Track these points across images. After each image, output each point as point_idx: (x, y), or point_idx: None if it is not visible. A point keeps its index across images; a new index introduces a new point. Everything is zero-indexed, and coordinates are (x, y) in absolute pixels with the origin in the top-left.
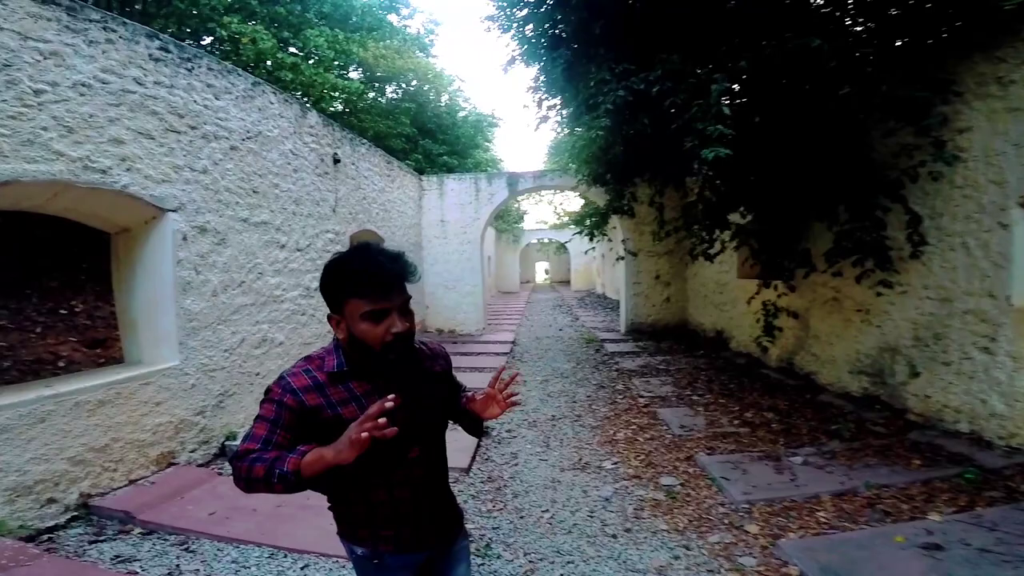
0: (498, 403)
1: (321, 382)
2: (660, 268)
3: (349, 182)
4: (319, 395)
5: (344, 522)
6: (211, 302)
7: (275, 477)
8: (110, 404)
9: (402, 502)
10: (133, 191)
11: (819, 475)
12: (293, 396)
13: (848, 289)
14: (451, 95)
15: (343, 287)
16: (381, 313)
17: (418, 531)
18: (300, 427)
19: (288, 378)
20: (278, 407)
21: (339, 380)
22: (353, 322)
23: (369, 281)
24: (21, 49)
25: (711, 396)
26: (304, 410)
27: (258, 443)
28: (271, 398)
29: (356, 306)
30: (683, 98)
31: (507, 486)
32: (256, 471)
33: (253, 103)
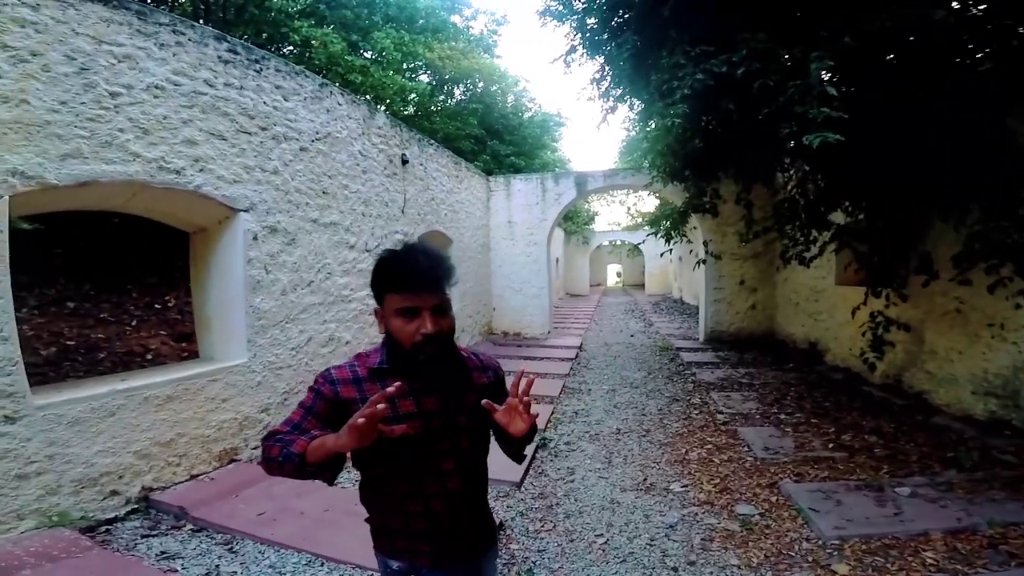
0: (521, 416)
1: (360, 376)
2: (745, 272)
3: (417, 183)
4: (355, 389)
5: (381, 535)
6: (280, 301)
7: (282, 456)
8: (178, 399)
9: (437, 515)
10: (206, 191)
11: (930, 509)
12: (331, 386)
13: (976, 300)
14: (516, 96)
15: (382, 280)
16: (412, 311)
17: (455, 545)
18: (332, 418)
19: (332, 370)
20: (315, 395)
21: (378, 377)
22: (389, 317)
23: (403, 277)
24: (96, 53)
25: (802, 415)
26: (338, 401)
27: (289, 426)
28: (312, 387)
29: (392, 301)
30: (775, 79)
31: (559, 504)
32: (273, 450)
33: (321, 104)
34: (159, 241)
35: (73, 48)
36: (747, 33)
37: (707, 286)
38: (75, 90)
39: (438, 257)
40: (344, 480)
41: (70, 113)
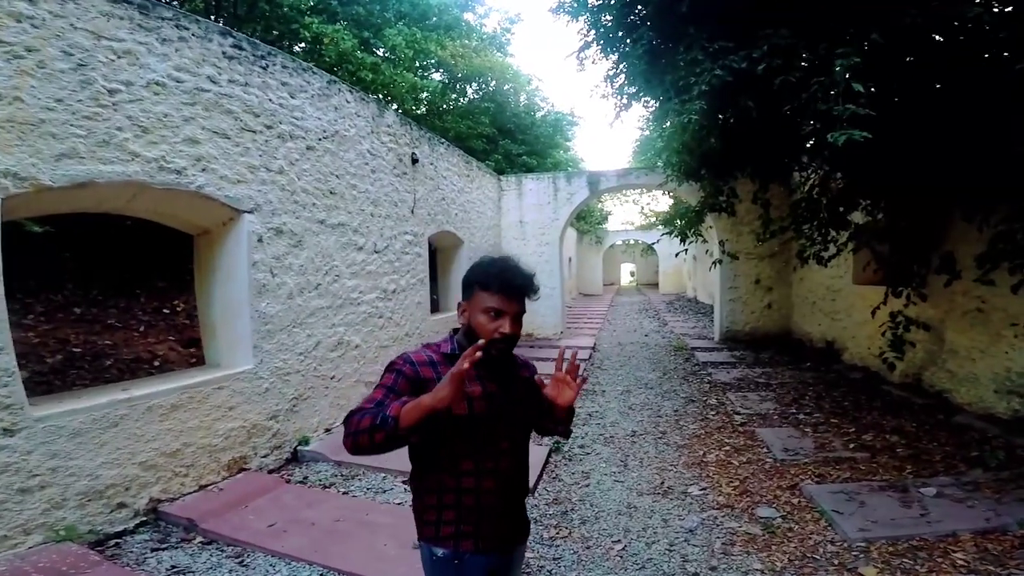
0: (569, 385)
1: (435, 360)
2: (761, 272)
3: (428, 182)
4: (432, 370)
5: (428, 522)
6: (286, 305)
7: (377, 420)
8: (183, 408)
9: (487, 493)
10: (208, 192)
11: (957, 509)
12: (411, 367)
13: (998, 299)
14: (529, 95)
15: (478, 279)
16: (498, 312)
17: (498, 529)
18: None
19: (410, 353)
20: (396, 375)
21: (451, 362)
22: (474, 312)
23: (499, 282)
24: (95, 48)
25: (821, 415)
26: (418, 379)
27: (372, 403)
28: (391, 368)
29: (481, 299)
30: (798, 76)
31: (575, 510)
32: (364, 422)
33: (329, 102)
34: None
35: (71, 44)
36: (769, 29)
37: (722, 285)
38: (71, 87)
39: (530, 275)
40: (355, 489)
41: (66, 111)
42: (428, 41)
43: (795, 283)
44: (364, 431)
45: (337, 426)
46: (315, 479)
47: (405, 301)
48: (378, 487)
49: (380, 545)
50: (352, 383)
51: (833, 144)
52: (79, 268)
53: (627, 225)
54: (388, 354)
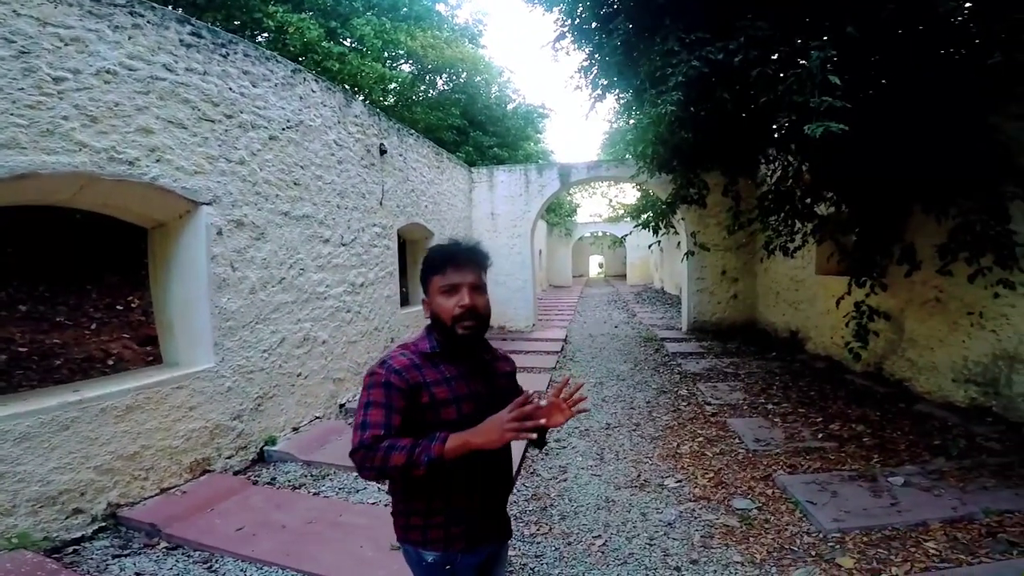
0: (562, 411)
1: (417, 362)
2: (727, 263)
3: (397, 174)
4: (418, 373)
5: (414, 526)
6: (249, 300)
7: (422, 465)
8: (139, 409)
9: (478, 494)
10: (163, 183)
11: (925, 498)
12: (398, 376)
13: (955, 289)
14: (500, 87)
15: (427, 268)
16: (453, 288)
17: (486, 525)
18: (409, 407)
19: (389, 360)
20: (386, 389)
21: (432, 361)
22: (433, 299)
23: (444, 257)
24: (40, 36)
25: (789, 405)
26: (409, 388)
27: (381, 429)
28: (376, 382)
29: (435, 283)
30: (775, 68)
31: (554, 505)
32: (393, 459)
33: (294, 91)
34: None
35: (12, 30)
36: (746, 21)
37: (690, 277)
38: (12, 75)
39: (475, 244)
40: (327, 489)
41: (5, 100)
42: (398, 32)
43: (760, 274)
44: (397, 468)
45: (305, 425)
46: (284, 480)
47: (374, 295)
48: (351, 487)
49: (356, 547)
50: (320, 380)
51: (807, 136)
52: (24, 263)
53: (595, 217)
54: (356, 350)
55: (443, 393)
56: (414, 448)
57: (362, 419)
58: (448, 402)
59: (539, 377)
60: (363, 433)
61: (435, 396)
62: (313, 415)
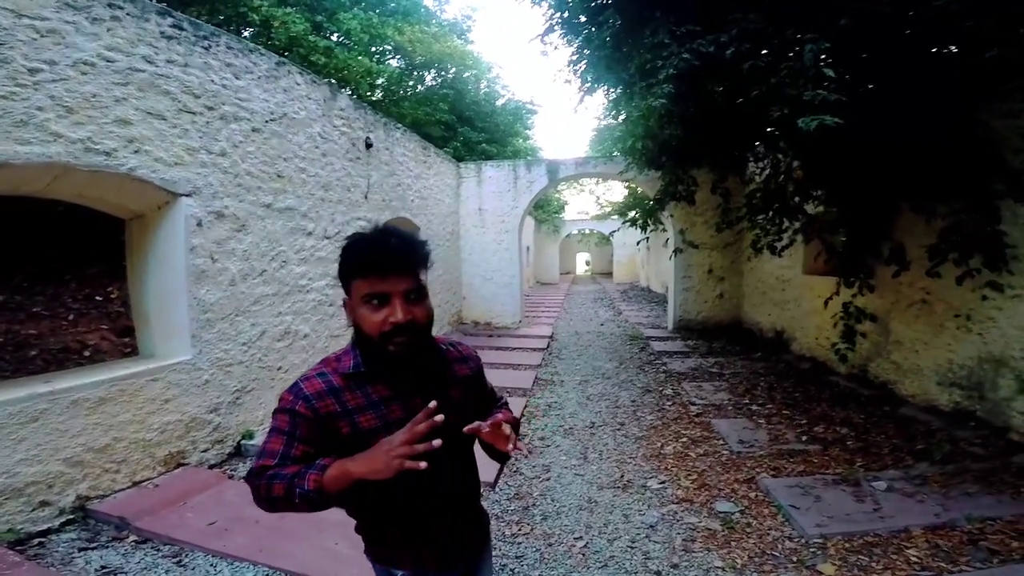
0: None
1: (336, 386)
2: (713, 262)
3: (383, 168)
4: (334, 400)
5: (379, 543)
6: (228, 292)
7: (296, 497)
8: (112, 402)
9: (439, 516)
10: (141, 174)
11: (908, 504)
12: (306, 403)
13: (942, 291)
14: (489, 82)
15: (349, 265)
16: (381, 297)
17: (456, 544)
18: (319, 438)
19: (301, 384)
20: (291, 417)
21: (356, 383)
22: (356, 306)
23: (370, 259)
24: (15, 27)
25: (773, 406)
26: (318, 418)
27: (275, 458)
28: (282, 407)
29: (359, 287)
30: (767, 61)
31: (536, 505)
32: (275, 490)
33: (278, 84)
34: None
35: None
36: (738, 14)
37: (676, 275)
38: None
39: (410, 238)
40: None
41: None
42: (385, 26)
43: (747, 273)
44: (280, 500)
45: None
46: None
47: None
48: None
49: (331, 544)
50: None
51: (800, 130)
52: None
53: (583, 215)
54: (339, 343)
55: (369, 421)
56: (293, 478)
57: (262, 446)
58: (377, 431)
59: (525, 374)
60: (257, 461)
61: (358, 426)
62: None
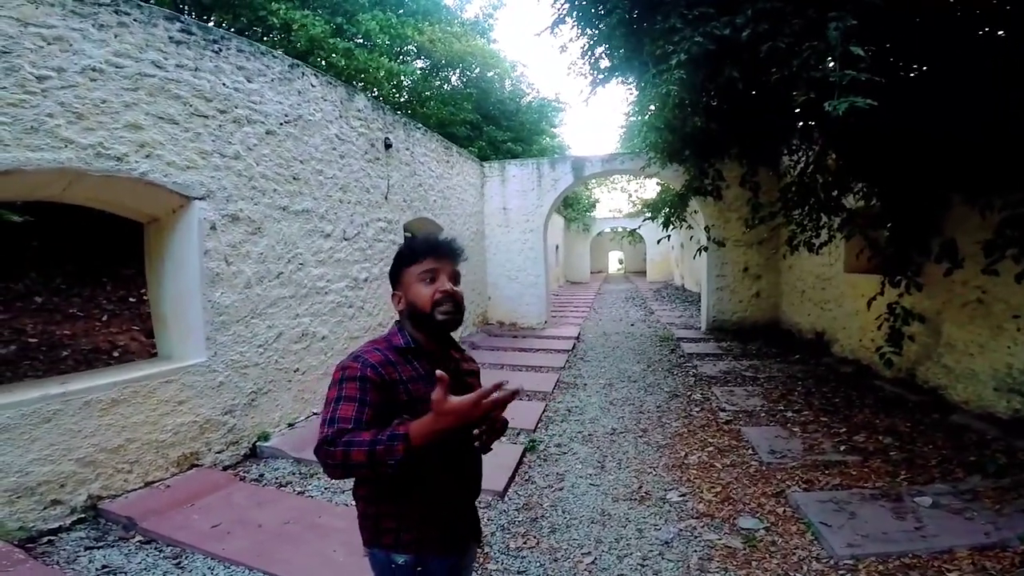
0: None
1: (392, 360)
2: (749, 259)
3: (403, 168)
4: (393, 369)
5: (386, 529)
6: (244, 295)
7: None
8: (125, 403)
9: (451, 496)
10: (153, 178)
11: (954, 522)
12: (374, 370)
13: (1000, 290)
14: (514, 81)
15: (401, 260)
16: (431, 273)
17: (460, 526)
18: (384, 403)
19: (363, 355)
20: (361, 383)
21: (406, 357)
22: (408, 289)
23: (422, 248)
24: (21, 36)
25: (810, 413)
26: (384, 383)
27: (349, 423)
28: (351, 376)
29: (411, 272)
30: (787, 42)
31: (545, 516)
32: (354, 456)
33: (291, 86)
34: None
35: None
36: None
37: (709, 273)
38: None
39: (451, 238)
40: (313, 488)
41: None
42: (405, 26)
43: (784, 271)
44: (362, 466)
45: (301, 421)
46: (271, 477)
47: (379, 290)
48: (336, 486)
49: (329, 551)
50: (319, 376)
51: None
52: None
53: (615, 213)
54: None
55: (419, 390)
56: (374, 444)
57: (330, 414)
58: (426, 398)
59: (546, 377)
60: (329, 429)
61: (413, 393)
62: (311, 411)
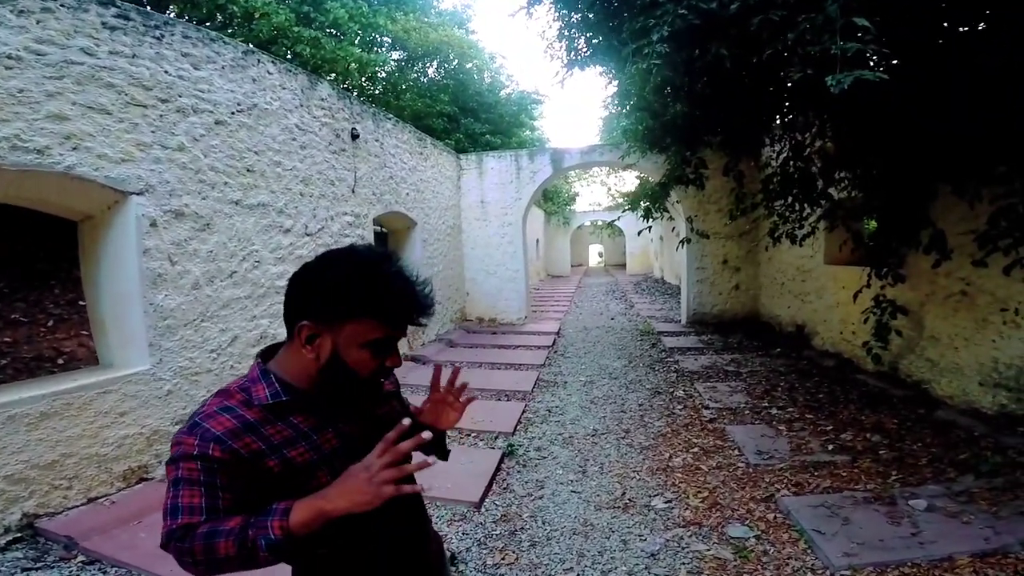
0: (452, 406)
1: (251, 421)
2: (728, 252)
3: (372, 160)
4: (254, 437)
5: None
6: (192, 296)
7: (262, 549)
8: (57, 416)
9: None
10: (81, 172)
11: (952, 526)
12: (219, 445)
13: (985, 282)
14: (493, 73)
15: (364, 302)
16: (389, 345)
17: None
18: (240, 484)
19: (204, 423)
20: (202, 463)
21: (275, 414)
22: (348, 344)
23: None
24: None
25: (795, 409)
26: (239, 460)
27: (201, 514)
28: (186, 453)
29: (367, 329)
30: (781, 15)
31: (525, 529)
32: (221, 549)
33: (245, 73)
34: None
35: None
36: None
37: (689, 266)
38: None
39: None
40: None
41: None
42: (377, 15)
43: (763, 263)
44: (232, 560)
45: None
46: None
47: None
48: None
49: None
50: None
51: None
52: None
53: (595, 206)
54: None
55: (303, 455)
56: (246, 529)
57: (171, 502)
58: (314, 464)
59: (526, 375)
60: (172, 521)
61: (291, 462)
62: None
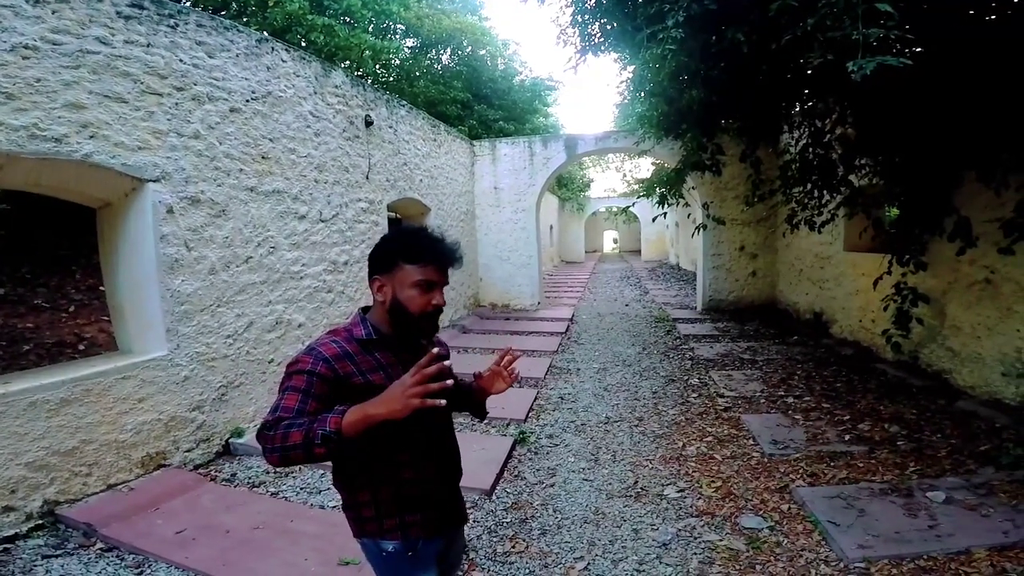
0: (503, 378)
1: (350, 351)
2: (745, 238)
3: (386, 146)
4: (349, 363)
5: (367, 518)
6: (208, 281)
7: (317, 438)
8: (77, 402)
9: (427, 480)
10: (99, 160)
11: (970, 519)
12: (326, 364)
13: (1010, 270)
14: (507, 60)
15: (404, 252)
16: (431, 285)
17: (442, 510)
18: (331, 397)
19: (318, 348)
20: (309, 376)
21: (367, 349)
22: (401, 287)
23: (432, 254)
24: None
25: (811, 398)
26: (337, 378)
27: (290, 413)
28: (301, 369)
29: (409, 273)
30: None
31: (536, 517)
32: (292, 437)
33: (259, 61)
34: None
35: None
36: None
37: (705, 252)
38: None
39: (455, 244)
40: (287, 488)
41: None
42: (390, 2)
43: (781, 250)
44: (297, 447)
45: None
46: (244, 476)
47: (360, 273)
48: (313, 486)
49: (300, 560)
50: None
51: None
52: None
53: (609, 192)
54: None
55: (380, 379)
56: (312, 423)
57: (276, 403)
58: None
59: (539, 362)
60: (270, 416)
61: (371, 382)
62: None
